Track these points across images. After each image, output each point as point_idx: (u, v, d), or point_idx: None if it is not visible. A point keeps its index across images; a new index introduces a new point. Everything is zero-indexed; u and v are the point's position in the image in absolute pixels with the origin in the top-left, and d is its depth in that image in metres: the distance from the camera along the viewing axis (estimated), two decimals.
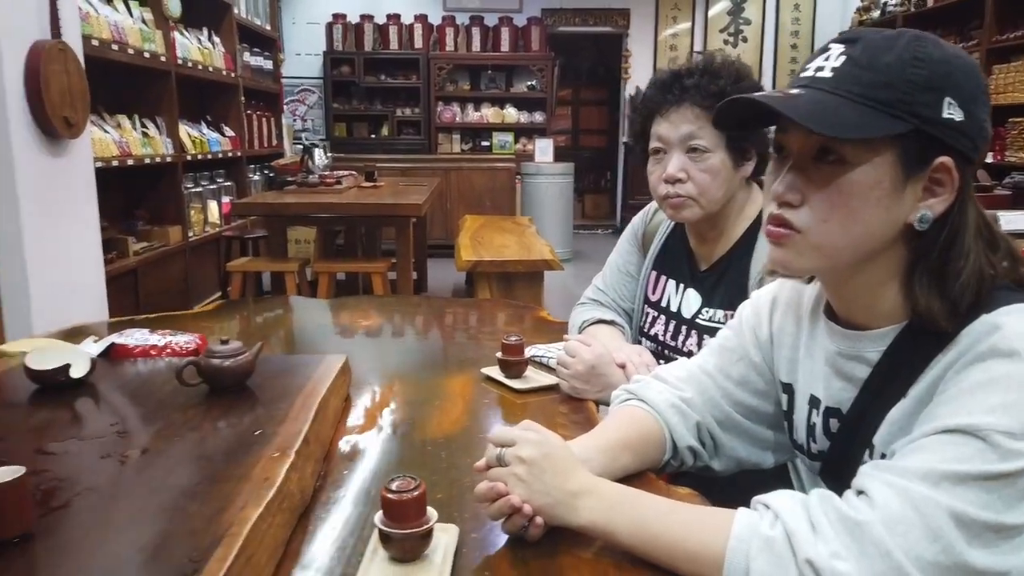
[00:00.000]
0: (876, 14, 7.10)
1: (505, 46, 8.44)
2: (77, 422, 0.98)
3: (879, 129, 0.72)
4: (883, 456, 0.77)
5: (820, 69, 0.76)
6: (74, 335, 1.50)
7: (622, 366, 1.25)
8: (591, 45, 10.08)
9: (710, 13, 8.72)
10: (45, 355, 1.08)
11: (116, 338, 1.26)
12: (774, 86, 8.69)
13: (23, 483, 0.68)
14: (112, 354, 1.23)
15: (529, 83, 8.60)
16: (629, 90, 8.78)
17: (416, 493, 0.74)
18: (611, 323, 1.48)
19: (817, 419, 0.90)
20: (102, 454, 0.87)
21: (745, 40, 8.79)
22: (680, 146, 1.29)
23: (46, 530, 0.70)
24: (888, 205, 0.74)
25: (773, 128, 0.82)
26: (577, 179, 7.75)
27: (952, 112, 0.73)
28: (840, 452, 0.86)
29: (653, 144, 1.33)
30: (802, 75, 0.78)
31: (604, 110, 10.45)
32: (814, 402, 0.91)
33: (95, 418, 1.01)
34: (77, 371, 1.07)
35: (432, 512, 0.76)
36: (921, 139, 0.73)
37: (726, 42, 8.76)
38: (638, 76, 8.72)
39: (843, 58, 0.75)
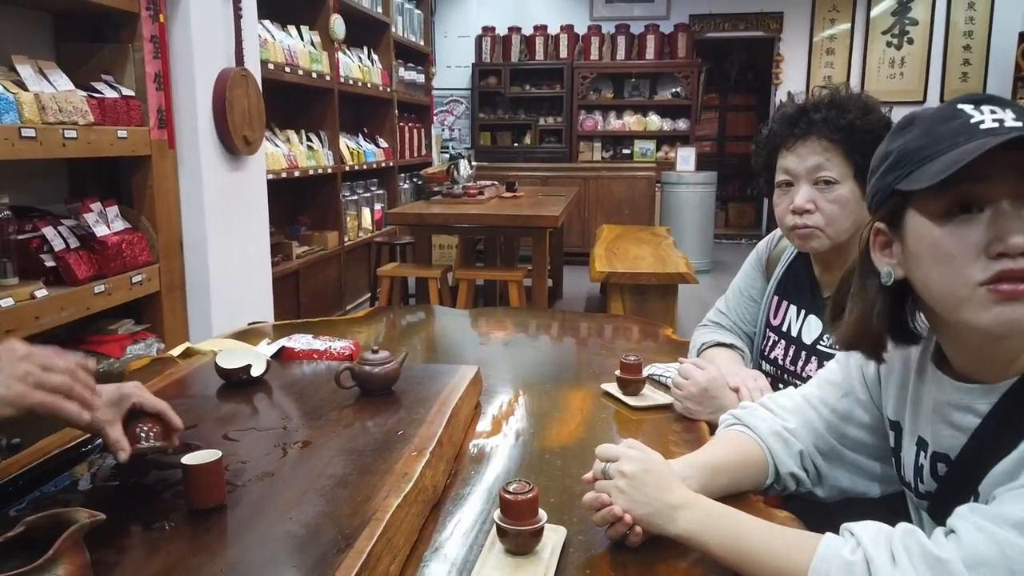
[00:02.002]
0: None
1: (650, 53, 8.43)
2: (255, 414, 1.17)
3: None
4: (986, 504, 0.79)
5: (1021, 119, 0.74)
6: (246, 336, 1.73)
7: (736, 390, 1.31)
8: (741, 49, 9.85)
9: (872, 13, 8.27)
10: (231, 355, 1.28)
11: (285, 342, 1.46)
12: (942, 96, 8.13)
13: (219, 464, 0.85)
14: (282, 356, 1.43)
15: (673, 90, 8.54)
16: (780, 95, 8.51)
17: (530, 495, 0.85)
18: (730, 346, 1.52)
19: (925, 461, 0.92)
20: (274, 443, 1.05)
21: (911, 42, 8.26)
22: (808, 178, 1.32)
23: (234, 503, 0.87)
24: None
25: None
26: (721, 187, 7.62)
27: None
28: (947, 496, 0.87)
29: (780, 177, 1.36)
30: (1007, 124, 0.74)
31: (752, 116, 10.17)
32: (922, 444, 0.92)
33: (268, 412, 1.19)
34: (256, 370, 1.27)
35: (543, 513, 0.86)
36: None
37: (889, 44, 8.29)
38: (790, 81, 8.44)
39: None
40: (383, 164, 5.63)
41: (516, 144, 8.81)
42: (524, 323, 2.12)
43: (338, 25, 4.67)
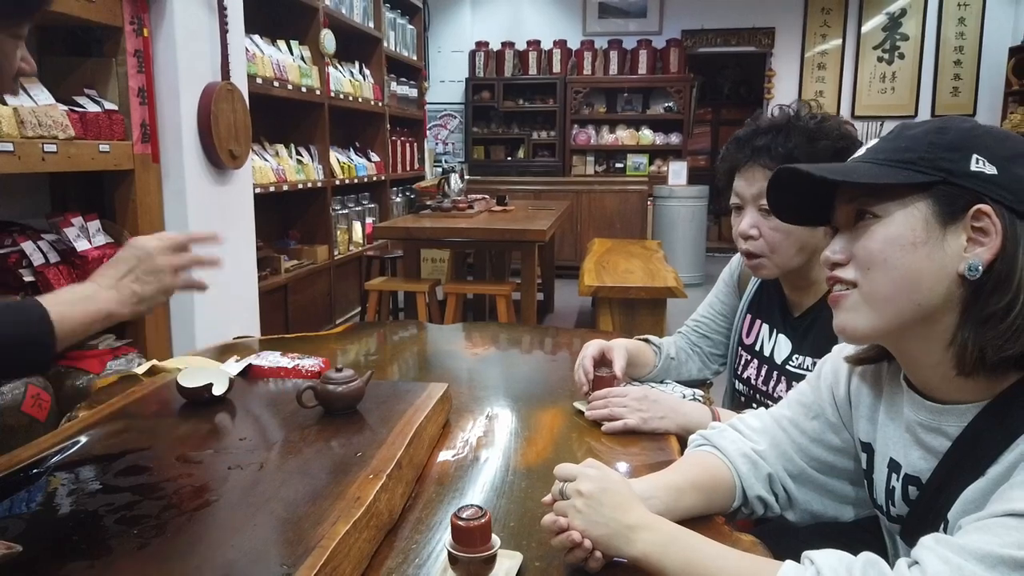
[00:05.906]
0: None
1: (643, 68, 8.46)
2: (214, 435, 1.15)
3: (896, 179, 0.79)
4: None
5: (858, 158, 0.86)
6: (228, 351, 1.71)
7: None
8: (733, 64, 9.89)
9: (863, 29, 8.31)
10: (194, 373, 1.26)
11: (253, 359, 1.44)
12: (933, 109, 8.17)
13: None
14: (250, 373, 1.41)
15: (666, 105, 8.56)
16: (772, 110, 8.53)
17: (482, 521, 0.83)
18: (644, 339, 1.54)
19: (896, 484, 0.90)
20: (230, 465, 1.02)
21: (902, 57, 8.30)
22: (753, 203, 1.34)
23: (177, 528, 0.85)
24: (927, 253, 0.78)
25: None
26: (714, 200, 7.61)
27: (981, 167, 0.76)
28: (918, 520, 0.86)
29: (733, 199, 1.38)
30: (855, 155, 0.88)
31: None
32: (894, 466, 0.91)
33: (228, 432, 1.17)
34: (218, 389, 1.25)
35: (496, 539, 0.84)
36: (951, 190, 0.77)
37: (880, 59, 8.33)
38: (782, 96, 8.46)
39: (876, 140, 0.85)
40: (375, 178, 5.62)
41: (509, 158, 8.82)
42: (503, 338, 2.10)
43: (328, 40, 4.67)
